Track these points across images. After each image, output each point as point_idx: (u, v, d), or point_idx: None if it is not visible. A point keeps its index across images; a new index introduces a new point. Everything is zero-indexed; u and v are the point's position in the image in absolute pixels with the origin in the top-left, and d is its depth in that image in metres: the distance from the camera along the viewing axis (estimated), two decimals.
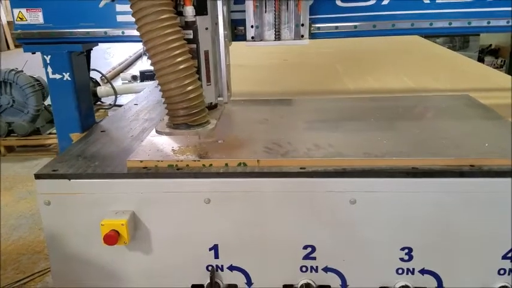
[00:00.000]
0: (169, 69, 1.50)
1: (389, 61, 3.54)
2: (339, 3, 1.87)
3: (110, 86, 7.33)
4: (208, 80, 1.63)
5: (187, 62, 1.52)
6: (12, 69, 5.59)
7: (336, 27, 1.91)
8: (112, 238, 1.52)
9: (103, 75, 7.63)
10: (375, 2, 1.86)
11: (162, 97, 1.58)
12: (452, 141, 1.70)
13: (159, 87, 1.57)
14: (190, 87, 1.53)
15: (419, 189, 1.50)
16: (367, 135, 1.81)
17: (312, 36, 1.91)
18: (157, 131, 1.63)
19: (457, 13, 1.85)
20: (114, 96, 7.15)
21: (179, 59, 1.49)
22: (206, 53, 1.60)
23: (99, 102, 7.48)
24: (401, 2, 1.85)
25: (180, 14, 1.55)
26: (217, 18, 1.64)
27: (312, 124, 2.03)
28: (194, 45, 1.57)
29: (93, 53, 2.33)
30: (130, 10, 1.51)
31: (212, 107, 1.74)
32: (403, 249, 1.56)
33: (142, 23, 1.48)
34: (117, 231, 1.53)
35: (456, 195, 1.50)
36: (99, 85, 7.47)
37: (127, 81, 8.85)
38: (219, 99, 1.75)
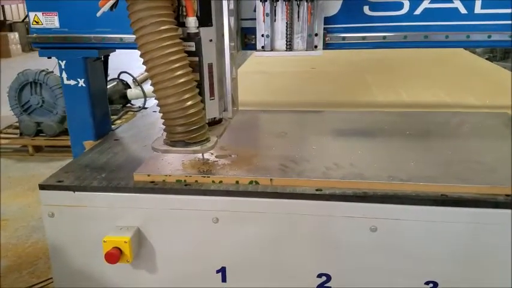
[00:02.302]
0: (168, 83, 1.40)
1: (423, 71, 3.37)
2: (366, 11, 1.74)
3: (140, 88, 7.36)
4: (212, 94, 1.53)
5: (187, 75, 1.42)
6: (43, 70, 5.68)
7: (363, 38, 1.78)
8: (114, 256, 1.45)
9: (134, 78, 7.67)
10: (406, 11, 1.72)
11: (159, 112, 1.49)
12: (486, 166, 1.56)
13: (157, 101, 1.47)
14: (189, 103, 1.43)
15: (447, 219, 1.38)
16: (393, 155, 1.70)
17: (337, 46, 1.80)
18: (153, 148, 1.53)
19: (498, 25, 1.68)
20: (143, 99, 7.19)
21: (178, 73, 1.40)
22: (210, 66, 1.49)
23: (128, 105, 7.53)
24: (435, 12, 1.71)
25: (182, 25, 1.45)
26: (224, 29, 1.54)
27: (334, 139, 1.91)
28: (196, 58, 1.47)
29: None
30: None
31: (216, 121, 1.64)
32: (427, 283, 1.44)
33: (140, 34, 1.39)
34: (119, 249, 1.46)
35: (489, 228, 1.37)
36: (130, 87, 7.51)
37: None
38: (224, 113, 1.64)
